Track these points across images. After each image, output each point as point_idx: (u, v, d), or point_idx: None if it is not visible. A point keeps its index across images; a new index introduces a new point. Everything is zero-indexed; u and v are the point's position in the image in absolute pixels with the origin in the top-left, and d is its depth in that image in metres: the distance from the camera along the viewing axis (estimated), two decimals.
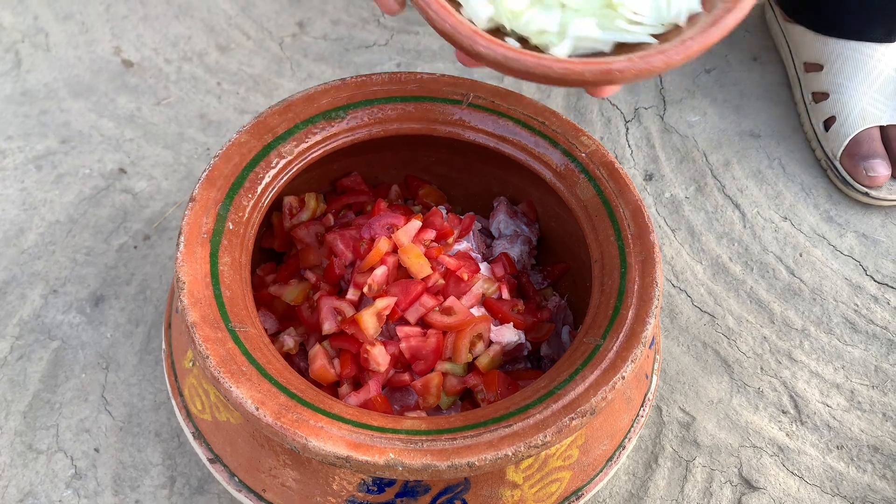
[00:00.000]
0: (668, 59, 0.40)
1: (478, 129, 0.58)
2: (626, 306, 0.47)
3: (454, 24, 0.42)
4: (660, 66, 0.40)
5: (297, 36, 0.93)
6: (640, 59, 0.40)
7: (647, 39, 0.42)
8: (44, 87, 0.85)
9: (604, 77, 0.40)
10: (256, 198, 0.52)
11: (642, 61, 0.40)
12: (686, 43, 0.40)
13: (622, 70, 0.40)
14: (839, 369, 0.69)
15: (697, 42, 0.40)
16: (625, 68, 0.40)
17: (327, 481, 0.44)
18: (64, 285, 0.70)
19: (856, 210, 0.80)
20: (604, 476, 0.50)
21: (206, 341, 0.43)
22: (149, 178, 0.78)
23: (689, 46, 0.40)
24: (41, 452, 0.61)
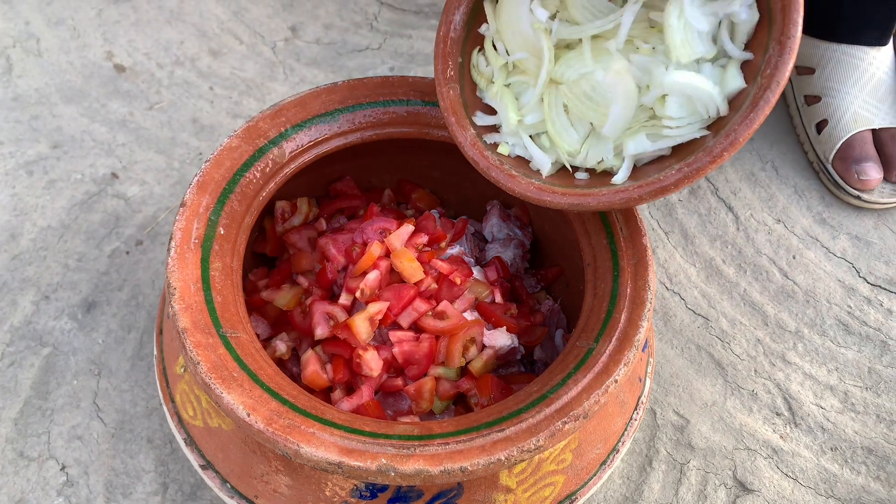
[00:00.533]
0: (715, 158, 0.42)
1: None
2: (619, 309, 0.47)
3: (523, 187, 0.47)
4: (710, 166, 0.42)
5: (289, 40, 0.93)
6: (690, 166, 0.42)
7: (696, 135, 0.44)
8: (35, 93, 0.85)
9: (660, 195, 0.43)
10: (248, 202, 0.52)
11: (691, 168, 0.42)
12: (730, 137, 0.42)
13: (676, 183, 0.42)
14: (833, 371, 0.69)
15: (741, 134, 0.41)
16: (678, 180, 0.42)
17: (320, 487, 0.44)
18: (55, 291, 0.70)
19: (848, 212, 0.80)
20: (598, 480, 0.50)
21: (198, 347, 0.42)
22: (141, 183, 0.78)
23: (734, 141, 0.41)
24: (32, 460, 0.61)
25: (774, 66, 0.41)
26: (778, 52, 0.41)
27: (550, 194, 0.45)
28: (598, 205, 0.45)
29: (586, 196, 0.45)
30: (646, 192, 0.43)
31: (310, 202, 0.61)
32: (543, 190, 0.46)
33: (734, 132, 0.41)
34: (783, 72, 0.41)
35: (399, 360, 0.52)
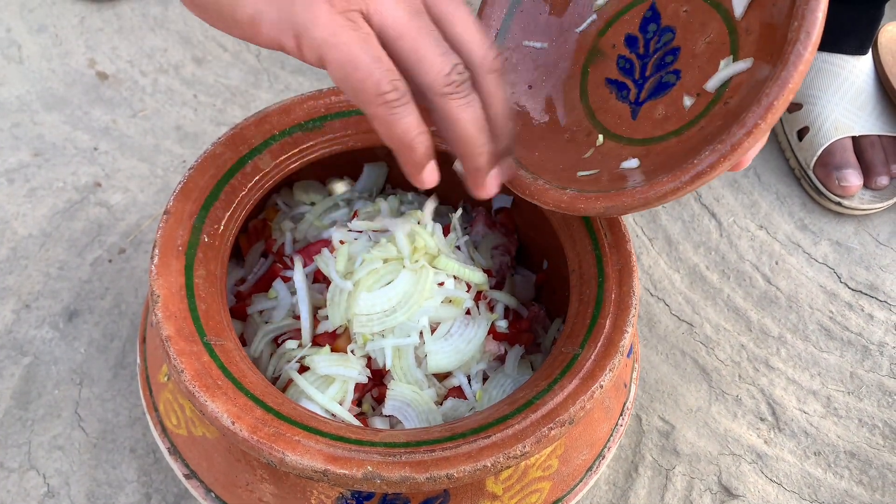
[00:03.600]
0: (751, 129, 0.37)
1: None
2: (604, 315, 0.47)
3: (556, 199, 0.45)
4: (746, 140, 0.37)
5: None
6: (723, 143, 0.38)
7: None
8: (16, 100, 0.84)
9: (698, 182, 0.39)
10: (232, 210, 0.51)
11: (726, 146, 0.38)
12: (763, 102, 0.36)
13: (713, 166, 0.38)
14: (815, 376, 0.70)
15: (776, 95, 0.36)
16: (714, 163, 0.38)
17: (305, 495, 0.44)
18: (36, 300, 0.69)
19: (829, 218, 0.81)
20: (584, 486, 0.50)
21: (181, 355, 0.42)
22: (124, 191, 0.77)
23: (769, 106, 0.36)
24: (12, 471, 0.60)
25: (802, 17, 0.36)
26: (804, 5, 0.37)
27: (584, 201, 0.44)
28: (634, 203, 0.41)
29: (620, 196, 0.42)
30: (682, 180, 0.39)
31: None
32: (576, 199, 0.44)
33: (767, 95, 0.36)
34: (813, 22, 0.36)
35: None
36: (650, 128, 0.45)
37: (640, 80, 0.47)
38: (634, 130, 0.46)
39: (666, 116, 0.45)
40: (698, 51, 0.44)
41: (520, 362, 0.55)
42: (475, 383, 0.53)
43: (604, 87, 0.49)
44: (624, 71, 0.48)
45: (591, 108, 0.49)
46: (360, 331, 0.50)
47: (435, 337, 0.52)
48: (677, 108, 0.44)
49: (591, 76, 0.49)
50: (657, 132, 0.45)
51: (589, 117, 0.49)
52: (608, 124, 0.48)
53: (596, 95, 0.49)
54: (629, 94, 0.47)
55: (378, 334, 0.51)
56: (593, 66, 0.49)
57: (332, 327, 0.53)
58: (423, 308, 0.51)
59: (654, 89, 0.46)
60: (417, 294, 0.51)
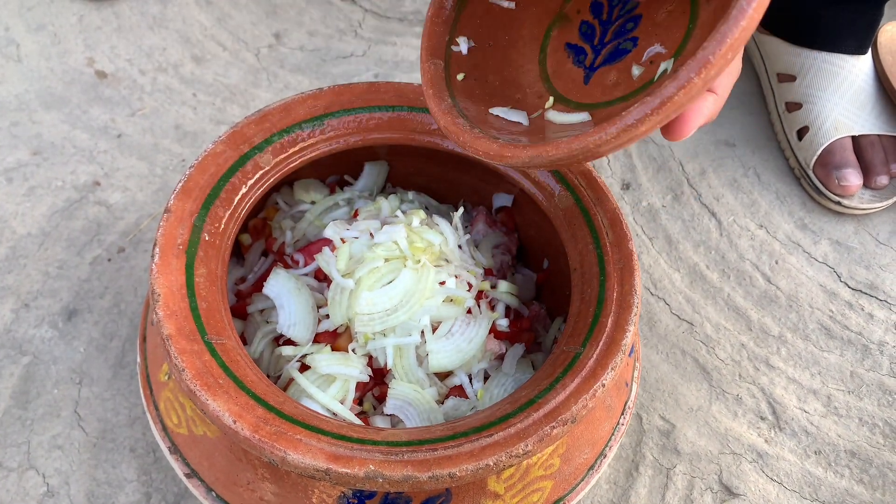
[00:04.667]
0: (683, 84, 0.35)
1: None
2: (606, 314, 0.47)
3: (486, 146, 0.44)
4: (678, 94, 0.36)
5: (273, 47, 0.93)
6: (653, 96, 0.36)
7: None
8: (15, 99, 0.84)
9: (627, 136, 0.38)
10: (233, 209, 0.51)
11: (656, 99, 0.36)
12: (699, 56, 0.35)
13: (641, 120, 0.37)
14: (816, 375, 0.70)
15: (711, 50, 0.35)
16: (643, 116, 0.36)
17: (306, 494, 0.44)
18: (36, 299, 0.69)
19: (829, 218, 0.81)
20: (585, 485, 0.50)
21: (182, 354, 0.42)
22: (123, 190, 0.77)
23: (704, 61, 0.35)
24: (12, 470, 0.59)
25: None
26: None
27: (511, 149, 0.42)
28: (559, 153, 0.40)
29: (546, 146, 0.40)
30: (609, 132, 0.37)
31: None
32: (504, 148, 0.43)
33: (703, 49, 0.35)
34: None
35: None
36: (599, 93, 0.45)
37: (598, 46, 0.47)
38: (585, 95, 0.46)
39: (616, 83, 0.44)
40: (659, 19, 0.44)
41: (521, 361, 0.55)
42: (476, 382, 0.53)
43: (562, 52, 0.48)
44: (584, 36, 0.48)
45: (547, 72, 0.49)
46: (361, 330, 0.50)
47: (436, 336, 0.52)
48: (629, 75, 0.44)
49: (552, 40, 0.49)
50: (605, 97, 0.44)
51: (544, 80, 0.48)
52: (560, 88, 0.47)
53: (553, 59, 0.49)
54: (585, 58, 0.47)
55: (379, 333, 0.51)
56: (556, 30, 0.49)
57: (332, 326, 0.52)
58: (425, 307, 0.51)
59: (610, 55, 0.46)
60: (419, 293, 0.51)
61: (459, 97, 0.49)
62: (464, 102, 0.49)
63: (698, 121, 0.39)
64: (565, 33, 0.49)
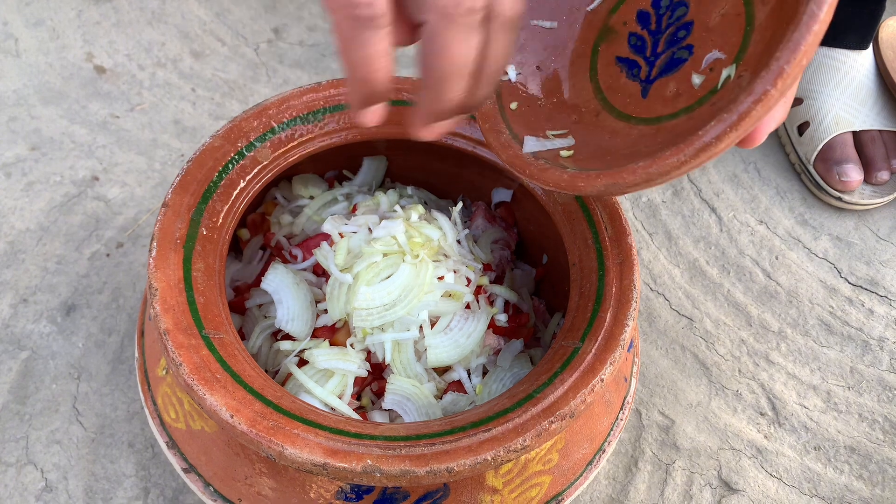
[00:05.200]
0: (760, 97, 0.34)
1: (455, 133, 0.57)
2: (605, 309, 0.47)
3: (556, 178, 0.43)
4: (755, 109, 0.35)
5: (272, 42, 0.93)
6: (730, 113, 0.35)
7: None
8: (13, 94, 0.84)
9: (704, 156, 0.36)
10: (231, 203, 0.51)
11: (733, 116, 0.35)
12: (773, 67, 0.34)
13: (719, 137, 0.35)
14: (815, 371, 0.70)
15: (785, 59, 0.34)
16: (721, 133, 0.35)
17: (304, 489, 0.44)
18: (34, 294, 0.69)
19: (829, 213, 0.81)
20: (584, 480, 0.49)
21: (180, 348, 0.42)
22: (122, 185, 0.77)
23: (779, 71, 0.34)
24: (10, 465, 0.59)
25: None
26: None
27: (584, 179, 0.41)
28: (637, 179, 0.38)
29: (621, 174, 0.39)
30: (686, 153, 0.36)
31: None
32: (576, 177, 0.42)
33: (777, 59, 0.33)
34: None
35: None
36: (660, 106, 0.44)
37: (651, 58, 0.45)
38: (644, 109, 0.45)
39: (677, 94, 0.43)
40: (712, 24, 0.42)
41: (519, 356, 0.54)
42: (475, 377, 0.53)
43: (614, 66, 0.47)
44: (635, 49, 0.46)
45: (601, 88, 0.47)
46: (359, 325, 0.50)
47: (435, 331, 0.51)
48: (689, 84, 0.42)
49: (601, 55, 0.48)
50: (667, 110, 0.43)
51: (598, 97, 0.47)
52: (617, 104, 0.46)
53: (606, 75, 0.47)
54: (640, 72, 0.46)
55: (378, 328, 0.51)
56: (604, 44, 0.48)
57: (331, 321, 0.52)
58: (423, 302, 0.51)
59: (666, 66, 0.44)
60: (417, 288, 0.51)
61: (516, 127, 0.48)
62: (521, 131, 0.48)
63: (771, 127, 0.38)
64: (614, 47, 0.47)
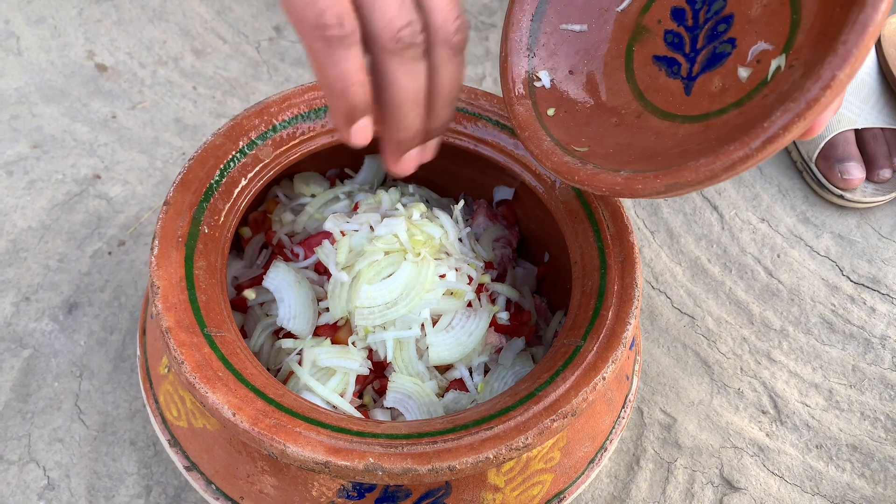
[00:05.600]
0: (828, 83, 0.33)
1: (456, 131, 0.57)
2: (607, 307, 0.47)
3: (609, 182, 0.42)
4: (823, 95, 0.33)
5: (273, 40, 0.93)
6: (796, 101, 0.34)
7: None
8: (15, 92, 0.84)
9: (772, 147, 0.35)
10: (232, 201, 0.51)
11: (799, 104, 0.34)
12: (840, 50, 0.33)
13: (786, 127, 0.34)
14: (817, 369, 0.70)
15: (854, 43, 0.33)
16: (788, 123, 0.34)
17: (306, 487, 0.44)
18: (36, 292, 0.69)
19: (831, 211, 0.81)
20: (586, 478, 0.49)
21: (182, 346, 0.42)
22: (123, 183, 0.77)
23: (846, 54, 0.33)
24: (12, 463, 0.59)
25: None
26: None
27: (642, 181, 0.40)
28: (700, 177, 0.37)
29: (682, 172, 0.38)
30: (752, 147, 0.35)
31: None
32: (632, 180, 0.41)
33: (844, 43, 0.32)
34: None
35: None
36: (707, 102, 0.43)
37: (691, 54, 0.44)
38: (690, 107, 0.44)
39: (724, 88, 0.42)
40: (754, 15, 0.41)
41: (521, 354, 0.54)
42: (476, 375, 0.53)
43: (652, 66, 0.46)
44: (673, 46, 0.46)
45: (640, 89, 0.47)
46: (361, 323, 0.50)
47: (436, 329, 0.51)
48: (736, 78, 0.41)
49: (636, 55, 0.47)
50: (715, 106, 0.42)
51: (637, 98, 0.47)
52: (659, 103, 0.45)
53: (644, 74, 0.47)
54: (680, 69, 0.45)
55: (379, 326, 0.51)
56: (638, 44, 0.47)
57: (332, 319, 0.52)
58: (425, 300, 0.51)
59: (708, 61, 0.43)
60: (419, 286, 0.51)
61: (556, 133, 0.47)
62: (561, 136, 0.47)
63: (830, 116, 0.37)
64: (649, 46, 0.47)
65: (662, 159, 0.41)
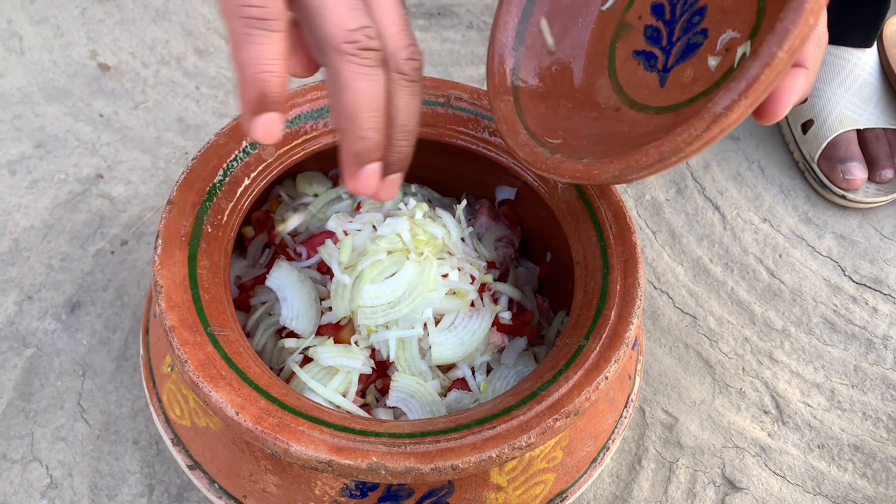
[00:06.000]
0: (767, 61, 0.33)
1: (459, 130, 0.57)
2: (609, 307, 0.47)
3: (571, 170, 0.43)
4: (764, 72, 0.33)
5: None
6: (738, 80, 0.34)
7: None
8: (18, 92, 0.84)
9: (716, 128, 0.35)
10: (235, 201, 0.51)
11: (742, 81, 0.34)
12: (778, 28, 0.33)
13: (730, 107, 0.34)
14: (819, 369, 0.70)
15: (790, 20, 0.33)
16: (731, 102, 0.34)
17: (309, 486, 0.44)
18: (39, 291, 0.69)
19: (833, 212, 0.81)
20: (588, 478, 0.49)
21: (185, 345, 0.42)
22: (126, 183, 0.77)
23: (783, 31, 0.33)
24: (15, 462, 0.60)
25: None
26: None
27: (598, 167, 0.41)
28: (650, 160, 0.38)
29: (634, 155, 0.39)
30: (698, 129, 0.35)
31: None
32: (591, 166, 0.42)
33: (782, 20, 0.32)
34: None
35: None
36: (679, 93, 0.43)
37: (667, 47, 0.45)
38: (664, 98, 0.44)
39: (695, 78, 0.43)
40: (726, 5, 0.42)
41: (524, 354, 0.54)
42: (479, 375, 0.53)
43: (631, 60, 0.47)
44: (651, 40, 0.46)
45: (620, 84, 0.47)
46: (364, 322, 0.50)
47: (439, 329, 0.52)
48: (706, 68, 0.42)
49: (618, 52, 0.48)
50: (686, 96, 0.43)
51: (617, 92, 0.47)
52: (636, 96, 0.46)
53: (624, 70, 0.47)
54: (657, 62, 0.46)
55: (382, 326, 0.51)
56: (621, 40, 0.48)
57: (335, 319, 0.52)
58: (428, 300, 0.51)
59: (682, 53, 0.44)
60: (422, 286, 0.51)
61: (534, 127, 0.48)
62: (538, 130, 0.48)
63: (792, 99, 0.37)
64: (631, 42, 0.48)
65: (628, 148, 0.42)
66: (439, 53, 0.94)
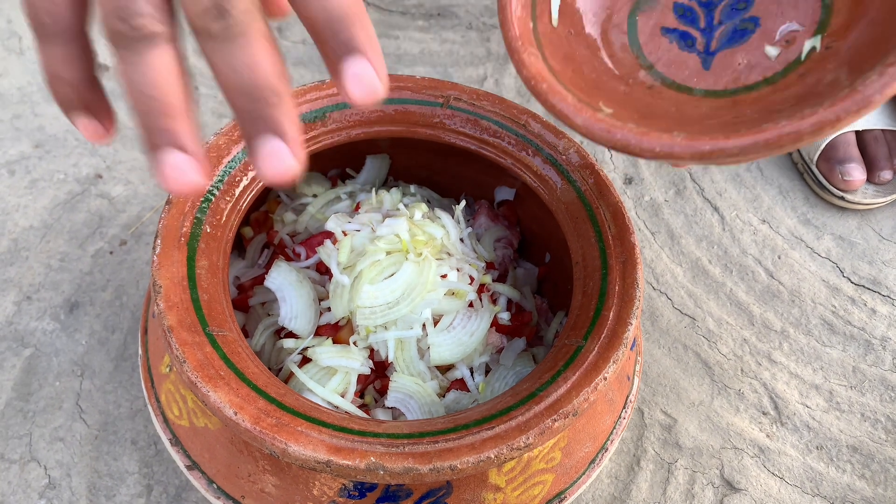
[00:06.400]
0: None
1: (458, 131, 0.57)
2: (608, 307, 0.47)
3: (664, 142, 0.36)
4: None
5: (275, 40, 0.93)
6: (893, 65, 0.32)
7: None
8: (17, 91, 0.84)
9: (859, 112, 0.33)
10: (234, 201, 0.51)
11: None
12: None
13: (880, 90, 0.32)
14: (818, 370, 0.70)
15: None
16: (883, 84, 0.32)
17: (307, 486, 0.44)
18: (37, 291, 0.69)
19: (832, 213, 0.81)
20: (586, 479, 0.49)
21: (183, 345, 0.42)
22: (125, 183, 0.77)
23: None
24: (13, 462, 0.60)
25: None
26: None
27: (710, 141, 0.35)
28: (781, 142, 0.33)
29: (763, 133, 0.34)
30: (846, 108, 0.32)
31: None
32: (696, 138, 0.35)
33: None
34: None
35: None
36: (731, 78, 0.41)
37: (706, 29, 0.43)
38: (712, 81, 0.42)
39: (750, 65, 0.40)
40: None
41: (522, 355, 0.54)
42: (478, 376, 0.53)
43: (661, 38, 0.44)
44: (685, 20, 0.44)
45: (649, 61, 0.44)
46: (362, 323, 0.50)
47: (437, 329, 0.52)
48: (763, 56, 0.40)
49: (640, 25, 0.45)
50: (743, 82, 0.41)
51: (646, 69, 0.44)
52: (673, 76, 0.43)
53: (653, 46, 0.44)
54: (696, 42, 0.43)
55: (381, 326, 0.51)
56: (642, 14, 0.45)
57: (334, 319, 0.52)
58: (426, 300, 0.51)
59: (729, 38, 0.42)
60: (420, 286, 0.51)
61: (574, 90, 0.42)
62: (581, 96, 0.42)
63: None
64: (656, 18, 0.44)
65: (701, 128, 0.37)
66: (439, 54, 0.94)
